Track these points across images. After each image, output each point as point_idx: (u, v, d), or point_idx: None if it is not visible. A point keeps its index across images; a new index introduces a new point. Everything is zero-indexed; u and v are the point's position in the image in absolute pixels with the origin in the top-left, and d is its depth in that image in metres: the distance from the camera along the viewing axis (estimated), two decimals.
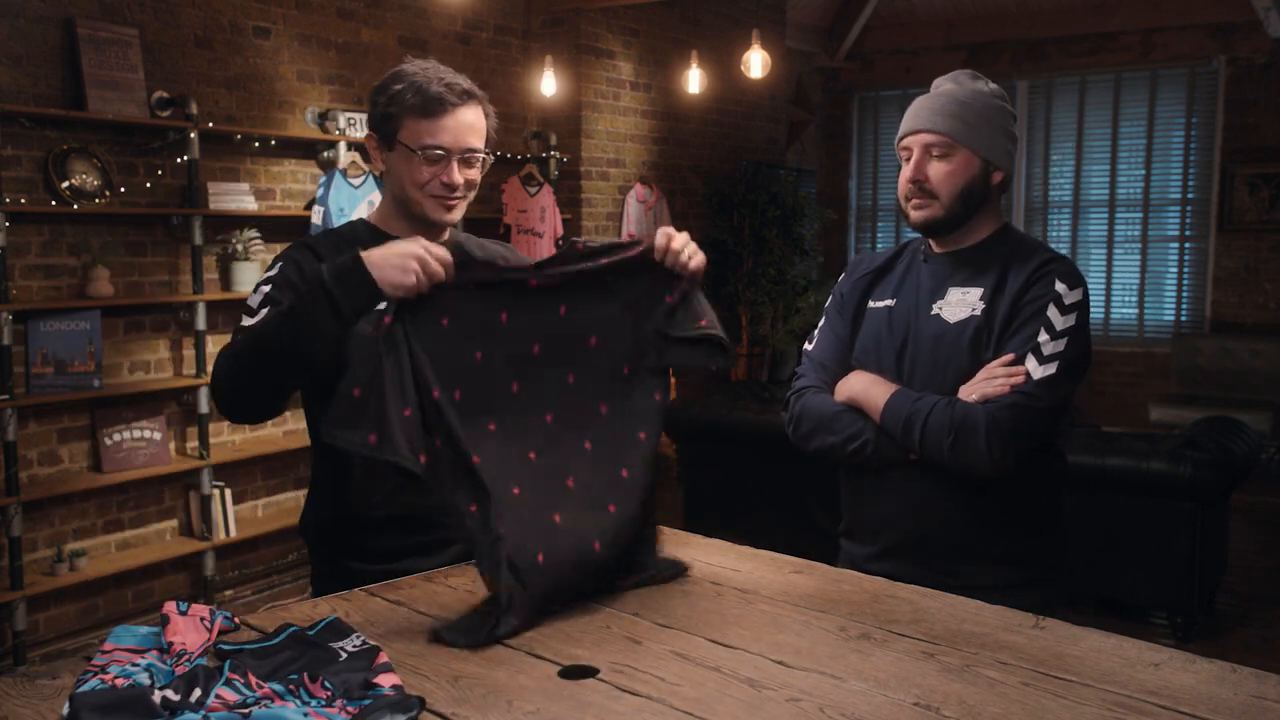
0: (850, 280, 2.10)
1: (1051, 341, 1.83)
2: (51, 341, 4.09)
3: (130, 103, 4.29)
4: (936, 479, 1.88)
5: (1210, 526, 4.21)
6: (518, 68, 6.29)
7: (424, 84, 1.79)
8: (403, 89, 1.80)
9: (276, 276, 1.81)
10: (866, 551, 1.99)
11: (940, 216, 1.93)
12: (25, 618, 4.02)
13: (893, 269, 2.06)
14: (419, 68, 1.83)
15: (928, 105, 1.94)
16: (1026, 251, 1.93)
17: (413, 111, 1.79)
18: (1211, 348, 7.71)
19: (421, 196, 1.83)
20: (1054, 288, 1.86)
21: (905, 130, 1.96)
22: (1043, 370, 1.82)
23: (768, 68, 6.25)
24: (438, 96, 1.79)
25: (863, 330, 2.04)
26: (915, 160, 1.93)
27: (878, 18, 9.05)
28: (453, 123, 1.81)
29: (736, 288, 7.39)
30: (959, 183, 1.90)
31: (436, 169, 1.81)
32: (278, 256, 1.87)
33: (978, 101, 1.93)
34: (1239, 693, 1.32)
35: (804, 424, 2.01)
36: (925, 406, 1.84)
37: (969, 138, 1.90)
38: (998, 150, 1.93)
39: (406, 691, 1.30)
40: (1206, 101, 7.94)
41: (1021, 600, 1.73)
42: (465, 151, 1.83)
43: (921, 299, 1.97)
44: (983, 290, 1.91)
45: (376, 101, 1.84)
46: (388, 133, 1.83)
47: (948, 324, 1.92)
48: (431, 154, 1.80)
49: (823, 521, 5.00)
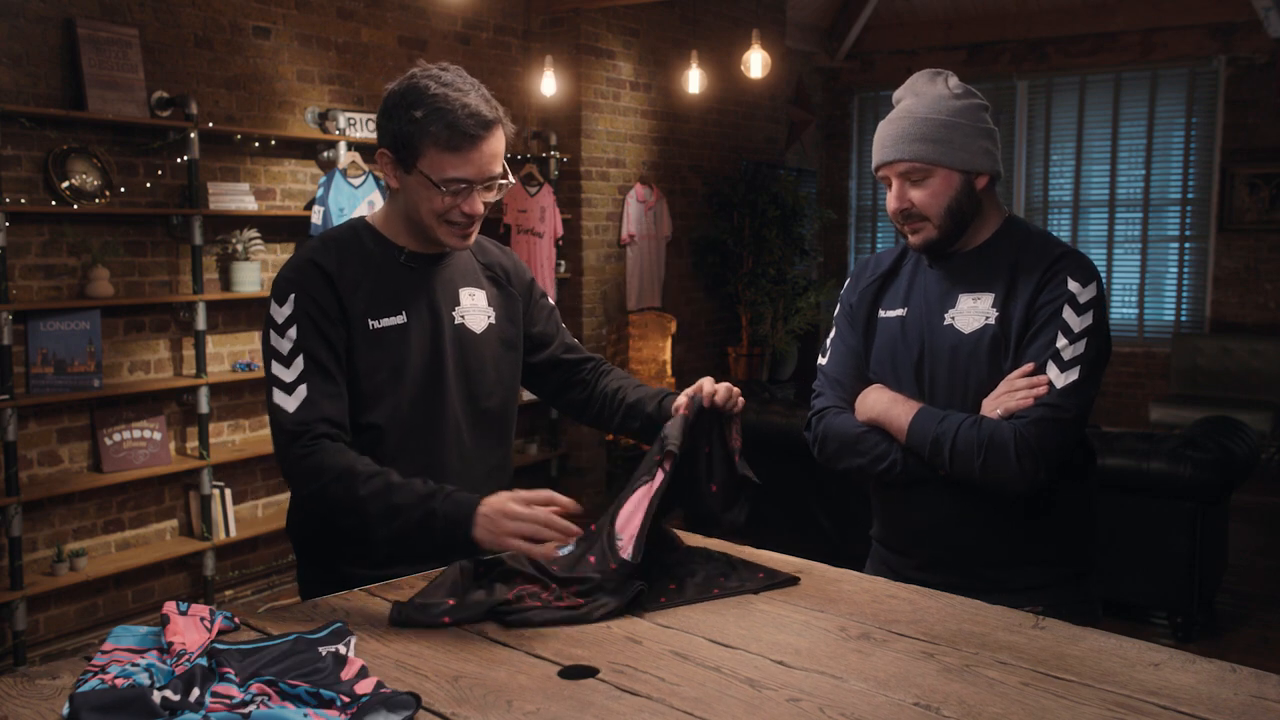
0: (857, 289, 2.07)
1: (1070, 345, 1.80)
2: (51, 341, 4.09)
3: (130, 103, 4.29)
4: (965, 490, 1.86)
5: (1210, 526, 4.21)
6: (518, 68, 6.29)
7: (449, 113, 1.71)
8: (426, 117, 1.72)
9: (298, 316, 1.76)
10: (906, 562, 1.97)
11: (936, 236, 1.90)
12: (25, 618, 4.02)
13: (899, 273, 2.03)
14: (441, 87, 1.73)
15: (893, 132, 1.89)
16: (1034, 248, 1.90)
17: (437, 143, 1.73)
18: (1211, 348, 7.71)
19: (438, 224, 1.80)
20: (1067, 287, 1.83)
21: (878, 161, 1.93)
22: (1065, 377, 1.79)
23: (768, 68, 6.25)
24: (467, 132, 1.72)
25: (876, 342, 2.01)
26: (896, 190, 1.91)
27: (878, 18, 9.05)
28: (478, 155, 1.75)
29: (736, 288, 7.39)
30: (944, 202, 1.87)
31: (458, 199, 1.77)
32: (286, 283, 1.80)
33: (941, 112, 1.87)
34: (1239, 693, 1.32)
35: (829, 445, 2.00)
36: (951, 427, 1.82)
37: (940, 156, 1.86)
38: (974, 156, 1.88)
39: (402, 691, 1.30)
40: (1206, 101, 7.94)
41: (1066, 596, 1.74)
42: (488, 180, 1.79)
43: (933, 307, 1.94)
44: (994, 296, 1.88)
45: (394, 118, 1.76)
46: (406, 157, 1.76)
47: (963, 335, 1.89)
48: (454, 187, 1.76)
49: (824, 523, 5.00)
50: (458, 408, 1.89)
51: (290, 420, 1.71)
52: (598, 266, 6.50)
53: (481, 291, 1.96)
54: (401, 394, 1.83)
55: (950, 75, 1.94)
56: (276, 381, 1.75)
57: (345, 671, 1.34)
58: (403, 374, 1.83)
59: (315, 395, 1.73)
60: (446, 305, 1.89)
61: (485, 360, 1.93)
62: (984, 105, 1.92)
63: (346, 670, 1.35)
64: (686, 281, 7.30)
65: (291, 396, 1.72)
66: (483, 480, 1.94)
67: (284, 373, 1.74)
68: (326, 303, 1.78)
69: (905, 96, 1.93)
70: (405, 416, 1.84)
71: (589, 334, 6.46)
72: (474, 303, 1.93)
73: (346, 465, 1.68)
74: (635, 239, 6.74)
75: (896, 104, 1.94)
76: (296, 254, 1.86)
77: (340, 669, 1.35)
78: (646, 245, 6.85)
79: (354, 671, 1.34)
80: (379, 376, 1.81)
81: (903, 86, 1.95)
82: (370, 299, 1.81)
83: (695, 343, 7.46)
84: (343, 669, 1.35)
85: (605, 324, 6.62)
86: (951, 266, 1.94)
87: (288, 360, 1.74)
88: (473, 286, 1.95)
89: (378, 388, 1.81)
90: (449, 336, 1.88)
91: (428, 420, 1.86)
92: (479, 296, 1.95)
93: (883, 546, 2.06)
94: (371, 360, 1.80)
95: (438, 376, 1.86)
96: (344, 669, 1.35)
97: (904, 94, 1.94)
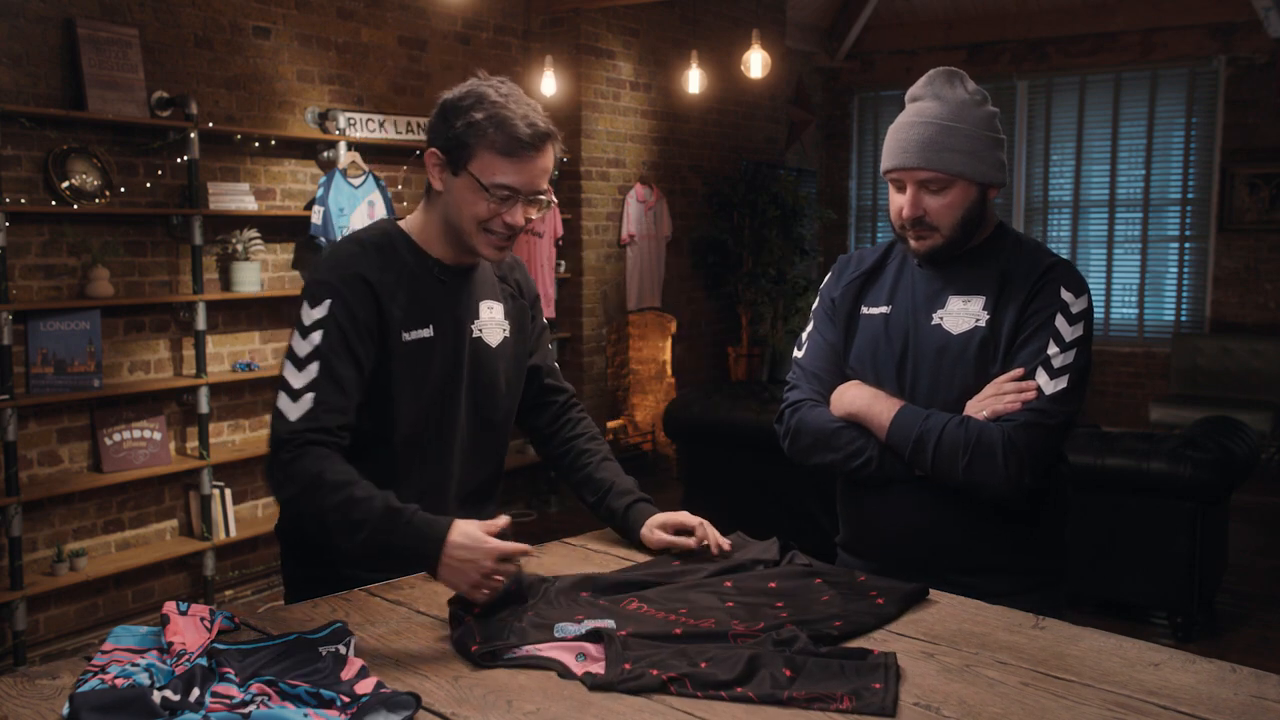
0: (840, 284, 2.03)
1: (1061, 354, 1.79)
2: (51, 341, 4.09)
3: (130, 103, 4.29)
4: (939, 493, 1.84)
5: (1210, 526, 4.21)
6: (518, 68, 6.29)
7: (509, 119, 1.72)
8: (485, 120, 1.72)
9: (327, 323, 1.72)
10: (873, 567, 1.91)
11: (942, 245, 1.86)
12: (25, 618, 4.02)
13: (883, 270, 2.00)
14: (502, 96, 1.74)
15: (916, 137, 1.83)
16: (1026, 255, 1.88)
17: (492, 147, 1.72)
18: (1211, 348, 7.71)
19: (477, 231, 1.78)
20: (1060, 296, 1.81)
21: (894, 165, 1.86)
22: (1054, 385, 1.78)
23: (768, 68, 6.25)
24: (523, 140, 1.72)
25: (858, 338, 1.98)
26: (910, 197, 1.84)
27: (878, 18, 9.05)
28: (530, 165, 1.74)
29: (736, 288, 7.39)
30: (958, 214, 1.84)
31: (502, 208, 1.75)
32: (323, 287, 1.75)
33: (965, 121, 1.83)
34: (1239, 693, 1.32)
35: (802, 439, 1.96)
36: (936, 425, 1.79)
37: (964, 168, 1.82)
38: (992, 169, 1.85)
39: (402, 691, 1.30)
40: (1206, 101, 7.94)
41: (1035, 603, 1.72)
42: (534, 194, 1.78)
43: (920, 306, 1.91)
44: (984, 299, 1.86)
45: (449, 120, 1.75)
46: (458, 158, 1.75)
47: (951, 335, 1.86)
48: (501, 193, 1.74)
49: (823, 522, 4.99)
50: (466, 421, 1.89)
51: (285, 428, 1.68)
52: (598, 266, 6.50)
53: (499, 304, 1.96)
54: (419, 406, 1.82)
55: (966, 78, 1.88)
56: (285, 385, 1.71)
57: (345, 671, 1.34)
58: (423, 387, 1.82)
59: (318, 407, 1.69)
60: (468, 319, 1.89)
61: (497, 374, 1.93)
62: (997, 111, 1.90)
63: (346, 670, 1.35)
64: (686, 281, 7.30)
65: (295, 404, 1.69)
66: (480, 486, 1.96)
67: (295, 377, 1.71)
68: (365, 314, 1.75)
69: (924, 97, 1.87)
70: (420, 429, 1.84)
71: (589, 334, 6.46)
72: (492, 316, 1.93)
73: (316, 473, 1.64)
74: (635, 239, 6.74)
75: (911, 102, 1.89)
76: (336, 256, 1.81)
77: (340, 669, 1.35)
78: (646, 245, 6.85)
79: (354, 671, 1.34)
80: (403, 388, 1.80)
81: (919, 85, 1.89)
82: (405, 310, 1.80)
83: (695, 343, 7.46)
84: (342, 669, 1.35)
85: (605, 324, 6.62)
86: (942, 268, 1.91)
87: (302, 364, 1.71)
88: (491, 299, 1.94)
89: (400, 399, 1.80)
90: (467, 351, 1.88)
91: (439, 433, 1.86)
92: (497, 310, 1.95)
93: (848, 553, 2.03)
94: (399, 372, 1.80)
95: (452, 391, 1.86)
96: (344, 669, 1.35)
97: (922, 94, 1.88)
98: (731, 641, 1.44)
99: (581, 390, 6.44)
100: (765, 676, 1.33)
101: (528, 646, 1.45)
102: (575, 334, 6.43)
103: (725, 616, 1.53)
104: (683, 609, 1.56)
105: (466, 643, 1.46)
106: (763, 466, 4.77)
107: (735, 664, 1.35)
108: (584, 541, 2.03)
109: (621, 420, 7.33)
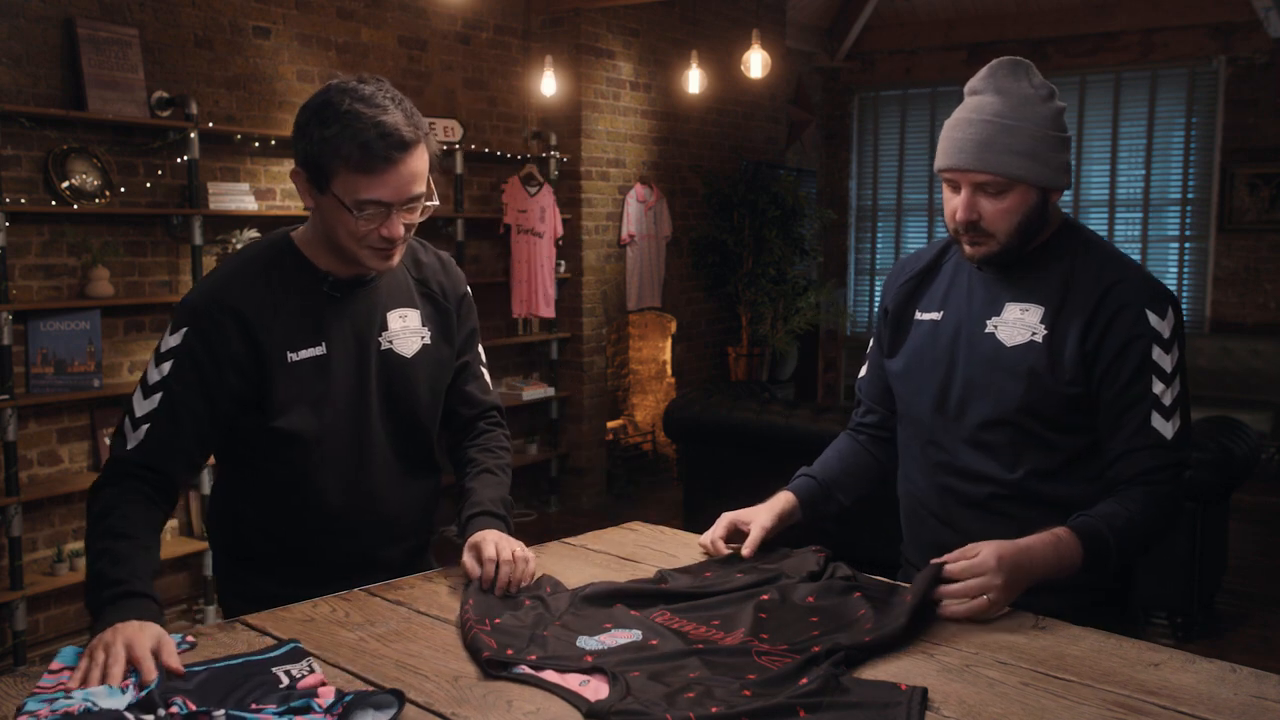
0: (893, 290, 1.94)
1: (1168, 389, 1.68)
2: (51, 341, 4.09)
3: (130, 103, 4.29)
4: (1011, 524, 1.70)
5: (1210, 526, 4.21)
6: (518, 68, 6.29)
7: (361, 132, 1.58)
8: (336, 135, 1.59)
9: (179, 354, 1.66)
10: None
11: (998, 252, 1.74)
12: (25, 618, 4.02)
13: (938, 271, 1.89)
14: (354, 103, 1.60)
15: (976, 136, 1.69)
16: (1094, 262, 1.74)
17: (348, 164, 1.60)
18: (1211, 348, 7.71)
19: (358, 248, 1.68)
20: (1149, 324, 1.68)
21: (949, 165, 1.73)
22: (1172, 426, 1.68)
23: (768, 68, 6.25)
24: (378, 153, 1.59)
25: (906, 345, 1.88)
26: (965, 200, 1.71)
27: (878, 17, 9.05)
28: (394, 177, 1.62)
29: (736, 288, 7.39)
30: (1016, 220, 1.71)
31: (374, 223, 1.65)
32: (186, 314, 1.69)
33: (1028, 119, 1.69)
34: (1239, 693, 1.32)
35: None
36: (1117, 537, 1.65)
37: (1026, 172, 1.68)
38: (1057, 173, 1.71)
39: (388, 690, 1.29)
40: (1206, 101, 7.94)
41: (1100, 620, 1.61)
42: (407, 202, 1.66)
43: (975, 312, 1.80)
44: (1044, 310, 1.73)
45: (306, 136, 1.63)
46: (317, 178, 1.64)
47: (1004, 347, 1.75)
48: (368, 210, 1.63)
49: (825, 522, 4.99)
50: (384, 436, 1.82)
51: (118, 451, 1.64)
52: (598, 266, 6.50)
53: (414, 311, 1.86)
54: (323, 426, 1.75)
55: (1033, 69, 1.74)
56: (129, 407, 1.67)
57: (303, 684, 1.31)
58: (323, 406, 1.74)
59: (150, 441, 1.64)
60: (373, 331, 1.80)
61: (417, 383, 1.85)
62: (1063, 106, 1.74)
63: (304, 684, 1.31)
64: (686, 281, 7.30)
65: (134, 433, 1.65)
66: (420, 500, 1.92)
67: (139, 404, 1.65)
68: (225, 348, 1.67)
69: (984, 91, 1.73)
70: (328, 448, 1.76)
71: (589, 334, 6.46)
72: (405, 325, 1.83)
73: (108, 509, 1.58)
74: (635, 239, 6.74)
75: (970, 95, 1.75)
76: (213, 278, 1.74)
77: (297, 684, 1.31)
78: (646, 245, 6.85)
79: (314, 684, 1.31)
80: (298, 409, 1.72)
81: (980, 77, 1.74)
82: (288, 329, 1.72)
83: (695, 343, 7.46)
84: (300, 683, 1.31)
85: (605, 324, 6.62)
86: (1001, 270, 1.79)
87: (148, 392, 1.66)
88: (404, 307, 1.84)
89: (297, 420, 1.72)
90: (375, 364, 1.79)
91: (351, 451, 1.79)
92: (411, 317, 1.85)
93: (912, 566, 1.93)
94: (289, 393, 1.71)
95: (361, 406, 1.78)
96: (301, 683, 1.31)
97: (982, 87, 1.73)
98: (755, 659, 1.39)
99: (581, 390, 6.44)
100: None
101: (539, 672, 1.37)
102: (575, 334, 6.43)
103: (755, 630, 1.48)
104: (715, 620, 1.53)
105: (479, 648, 1.43)
106: (763, 466, 4.77)
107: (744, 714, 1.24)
108: (584, 541, 2.03)
109: (621, 420, 7.33)
